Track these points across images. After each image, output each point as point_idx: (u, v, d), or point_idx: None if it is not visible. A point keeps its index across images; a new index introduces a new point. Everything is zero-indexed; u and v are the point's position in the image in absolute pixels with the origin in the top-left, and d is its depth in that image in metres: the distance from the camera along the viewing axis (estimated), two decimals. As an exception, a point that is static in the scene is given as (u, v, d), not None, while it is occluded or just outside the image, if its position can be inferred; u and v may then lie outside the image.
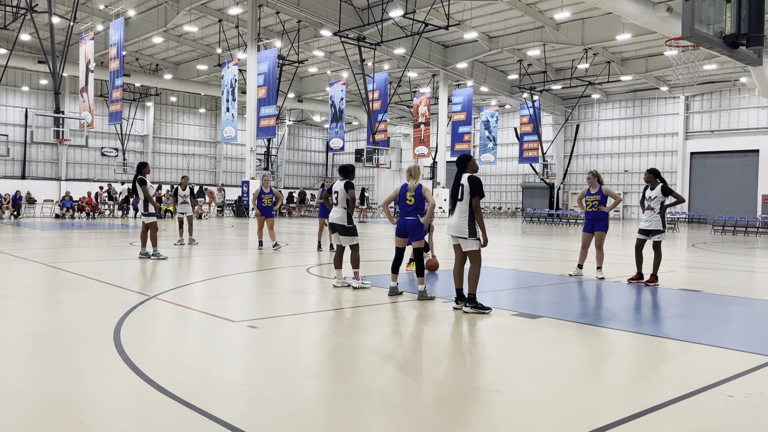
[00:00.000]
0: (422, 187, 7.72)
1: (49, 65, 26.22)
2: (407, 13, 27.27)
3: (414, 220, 7.75)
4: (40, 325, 5.92)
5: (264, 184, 14.38)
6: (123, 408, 3.68)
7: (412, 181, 7.82)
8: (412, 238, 7.80)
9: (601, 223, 9.86)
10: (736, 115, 38.34)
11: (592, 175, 9.91)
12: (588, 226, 9.99)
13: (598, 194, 9.82)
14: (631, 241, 20.72)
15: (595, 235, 9.87)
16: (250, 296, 8.00)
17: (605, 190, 9.82)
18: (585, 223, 10.09)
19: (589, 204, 9.89)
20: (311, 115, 53.18)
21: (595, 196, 9.84)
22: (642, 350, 5.43)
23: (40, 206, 33.06)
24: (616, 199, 9.81)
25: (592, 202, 9.84)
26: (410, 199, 7.72)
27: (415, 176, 7.83)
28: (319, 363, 4.78)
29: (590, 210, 9.90)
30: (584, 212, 10.05)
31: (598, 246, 9.86)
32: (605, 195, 9.81)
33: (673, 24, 24.13)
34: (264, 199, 14.18)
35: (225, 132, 32.54)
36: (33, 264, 10.56)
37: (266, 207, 14.23)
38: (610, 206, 9.82)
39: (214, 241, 16.56)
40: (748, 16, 6.10)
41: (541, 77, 38.43)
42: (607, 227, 9.93)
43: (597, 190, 9.85)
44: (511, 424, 3.56)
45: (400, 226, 7.82)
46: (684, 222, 37.86)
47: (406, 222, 7.78)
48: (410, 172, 7.89)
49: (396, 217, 7.97)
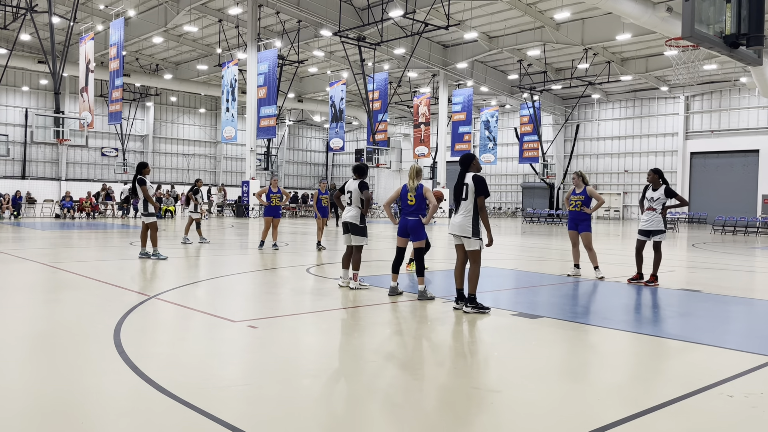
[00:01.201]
0: (423, 187, 7.76)
1: (49, 65, 26.23)
2: (407, 13, 27.28)
3: (415, 220, 7.79)
4: (40, 325, 5.92)
5: (272, 184, 14.39)
6: (123, 408, 3.68)
7: (411, 181, 7.83)
8: (414, 238, 7.83)
9: (585, 223, 10.06)
10: (736, 115, 38.34)
11: (577, 176, 10.14)
12: (572, 224, 10.22)
13: (582, 194, 10.03)
14: (632, 241, 20.75)
15: (581, 236, 10.08)
16: (250, 296, 7.99)
17: (589, 191, 10.01)
18: (569, 222, 10.31)
19: (572, 203, 10.10)
20: (311, 115, 53.19)
21: (578, 196, 10.04)
22: (642, 350, 5.43)
23: (40, 206, 33.07)
24: (599, 200, 10.00)
25: (575, 201, 10.06)
26: (411, 199, 7.75)
27: (414, 177, 7.85)
28: (319, 363, 4.77)
29: (573, 209, 10.11)
30: (568, 211, 10.29)
31: (587, 247, 10.01)
32: (589, 196, 9.99)
33: (673, 24, 24.13)
34: (272, 199, 14.21)
35: (225, 132, 32.54)
36: (33, 264, 10.55)
37: (274, 207, 14.25)
38: (593, 208, 10.00)
39: (215, 241, 16.56)
40: (748, 16, 6.10)
41: (541, 77, 38.43)
42: (590, 227, 10.11)
43: (581, 190, 10.05)
44: (512, 424, 3.56)
45: (401, 226, 7.86)
46: (684, 222, 37.85)
47: (407, 222, 7.81)
48: (411, 172, 7.92)
49: (398, 217, 8.00)
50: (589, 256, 10.02)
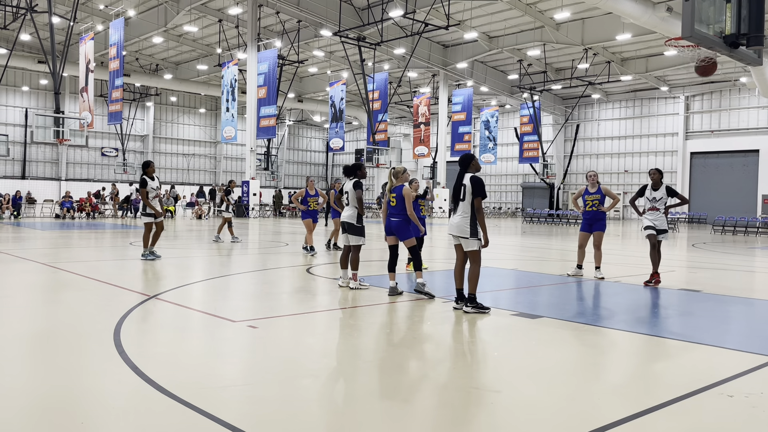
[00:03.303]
0: (403, 187, 7.80)
1: (49, 65, 26.23)
2: (407, 13, 27.28)
3: (398, 220, 7.83)
4: (40, 325, 5.92)
5: (309, 186, 13.34)
6: (123, 408, 3.67)
7: (390, 182, 7.90)
8: (401, 237, 7.88)
9: (600, 222, 9.86)
10: (736, 115, 38.35)
11: (594, 175, 9.90)
12: (586, 226, 9.94)
13: (597, 193, 9.79)
14: (632, 241, 20.74)
15: (593, 235, 9.85)
16: (250, 296, 7.99)
17: (605, 190, 9.79)
18: (583, 223, 10.02)
19: (589, 203, 9.83)
20: (311, 115, 53.19)
21: (595, 195, 9.79)
22: (642, 350, 5.43)
23: (40, 206, 33.06)
24: (614, 199, 9.82)
25: (592, 201, 9.79)
26: (392, 200, 7.81)
27: (392, 177, 7.90)
28: (319, 363, 4.77)
29: (590, 209, 9.84)
30: (582, 212, 10.01)
31: (596, 246, 9.84)
32: (605, 195, 9.78)
33: (673, 24, 24.13)
34: (310, 203, 13.21)
35: (225, 132, 32.54)
36: (33, 264, 10.55)
37: (313, 211, 13.20)
38: (609, 206, 9.81)
39: (215, 241, 16.55)
40: (748, 16, 6.10)
41: (541, 77, 38.43)
42: (605, 227, 9.93)
43: (596, 189, 9.81)
44: (512, 424, 3.56)
45: (386, 227, 7.94)
46: (684, 222, 37.85)
47: (391, 223, 7.89)
48: (390, 173, 7.99)
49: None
50: (595, 255, 9.89)
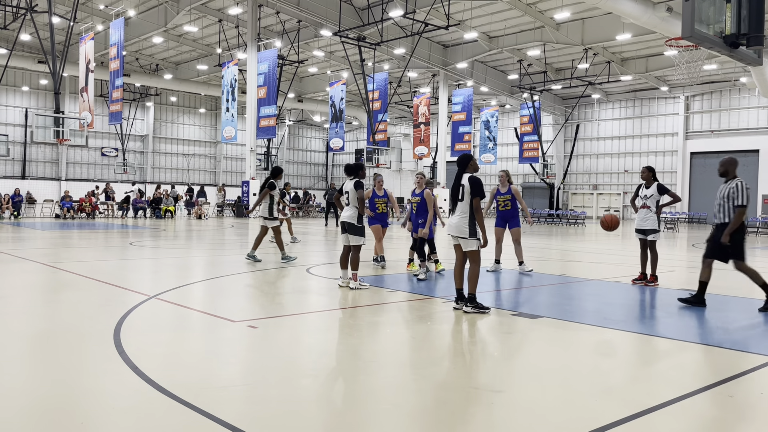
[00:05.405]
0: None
1: (49, 65, 26.21)
2: (407, 13, 27.26)
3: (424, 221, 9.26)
4: (40, 325, 5.92)
5: (377, 186, 10.96)
6: (123, 408, 3.67)
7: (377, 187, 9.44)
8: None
9: (515, 219, 10.78)
10: (736, 115, 38.34)
11: (504, 174, 10.78)
12: (501, 222, 10.83)
13: (508, 193, 10.66)
14: (632, 241, 20.73)
15: (511, 231, 10.72)
16: (250, 296, 7.99)
17: (514, 190, 10.67)
18: (497, 219, 10.91)
19: (501, 203, 10.73)
20: (311, 115, 53.17)
21: (506, 195, 10.69)
22: (642, 350, 5.43)
23: (40, 206, 33.06)
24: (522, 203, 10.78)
25: (504, 201, 10.70)
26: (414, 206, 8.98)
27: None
28: (319, 363, 4.78)
29: (503, 210, 10.74)
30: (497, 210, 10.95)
31: (516, 241, 10.68)
32: (515, 195, 10.66)
33: (673, 24, 24.12)
34: (378, 205, 10.91)
35: (225, 132, 32.53)
36: (33, 264, 10.55)
37: (381, 214, 10.97)
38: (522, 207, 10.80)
39: (215, 241, 16.56)
40: (748, 16, 6.10)
41: (541, 77, 38.41)
42: (520, 223, 10.91)
43: (507, 189, 10.66)
44: (511, 424, 3.56)
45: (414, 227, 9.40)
46: (684, 222, 37.86)
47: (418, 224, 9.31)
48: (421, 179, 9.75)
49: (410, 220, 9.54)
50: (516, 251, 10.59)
